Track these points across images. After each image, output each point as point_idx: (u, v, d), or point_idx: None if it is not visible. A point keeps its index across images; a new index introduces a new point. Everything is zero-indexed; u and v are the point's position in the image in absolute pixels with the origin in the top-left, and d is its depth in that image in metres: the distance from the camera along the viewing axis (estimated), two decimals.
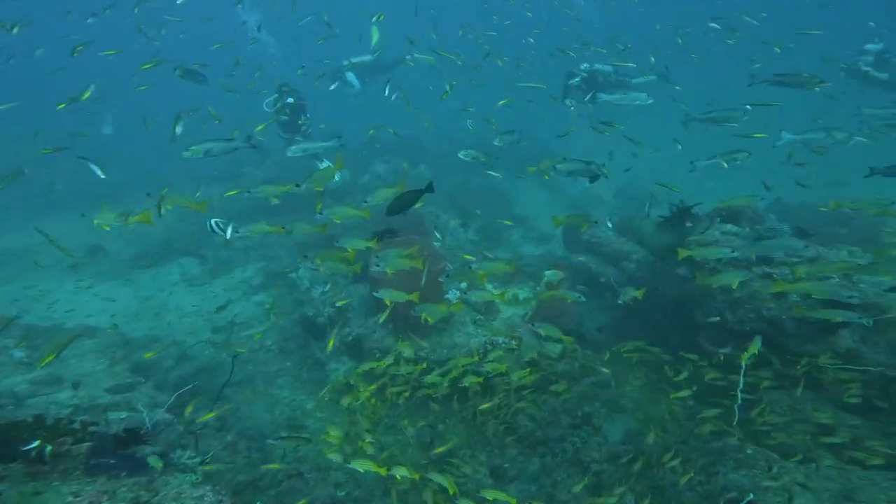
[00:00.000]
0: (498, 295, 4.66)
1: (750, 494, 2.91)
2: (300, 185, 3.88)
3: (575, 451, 4.80)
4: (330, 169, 3.83)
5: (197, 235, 9.46)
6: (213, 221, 4.72)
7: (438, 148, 11.73)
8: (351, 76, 9.92)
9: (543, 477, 4.79)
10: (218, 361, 6.67)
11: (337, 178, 8.62)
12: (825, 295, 3.38)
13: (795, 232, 4.50)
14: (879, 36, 9.11)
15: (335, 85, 9.76)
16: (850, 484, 2.80)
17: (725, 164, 4.58)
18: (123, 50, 7.24)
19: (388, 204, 3.45)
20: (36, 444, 2.95)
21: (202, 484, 3.03)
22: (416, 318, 4.71)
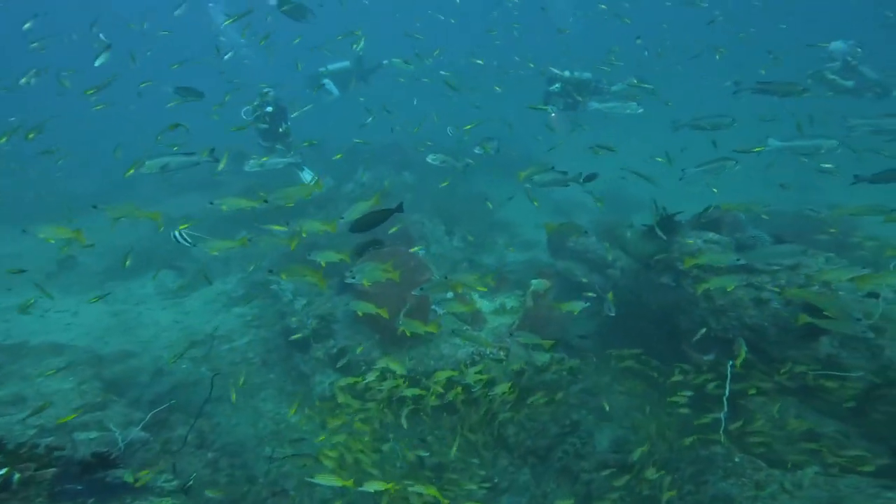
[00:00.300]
0: (468, 306, 4.64)
1: None
2: (268, 200, 3.73)
3: (564, 460, 4.79)
4: (305, 187, 3.70)
5: (174, 246, 9.18)
6: (177, 232, 4.57)
7: (423, 155, 11.65)
8: (329, 83, 9.81)
9: (534, 488, 4.77)
10: (197, 376, 6.46)
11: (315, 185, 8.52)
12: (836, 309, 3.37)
13: (774, 240, 4.60)
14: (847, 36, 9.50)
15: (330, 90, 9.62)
16: (836, 492, 2.84)
17: (715, 172, 4.67)
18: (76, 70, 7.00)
19: (352, 221, 3.36)
20: (3, 471, 2.77)
21: None
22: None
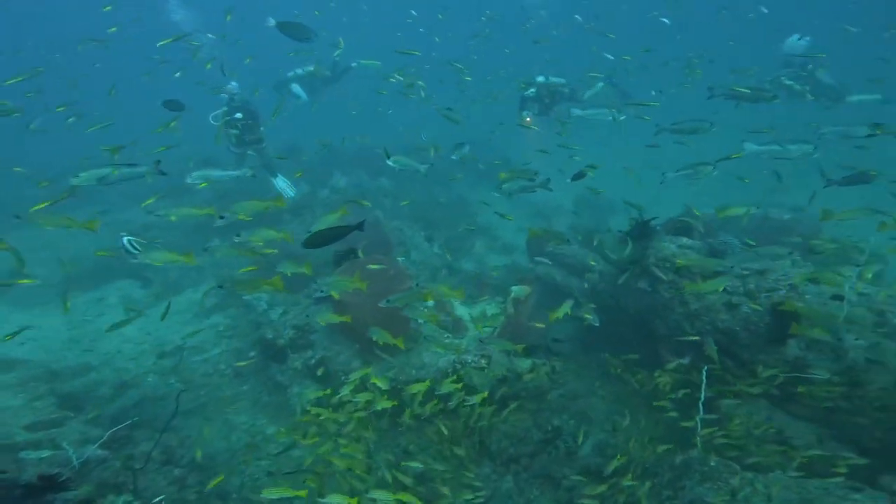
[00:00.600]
0: (432, 315, 4.61)
1: None
2: (223, 216, 3.55)
3: (547, 467, 4.83)
4: (262, 202, 3.54)
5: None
6: (126, 240, 4.40)
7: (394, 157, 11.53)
8: (296, 87, 9.60)
9: (517, 496, 4.78)
10: (166, 390, 6.20)
11: (292, 193, 8.34)
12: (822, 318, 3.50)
13: (743, 245, 4.75)
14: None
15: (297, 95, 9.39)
16: (806, 494, 2.95)
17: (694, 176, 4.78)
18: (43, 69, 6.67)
19: (305, 237, 3.24)
20: None
21: None
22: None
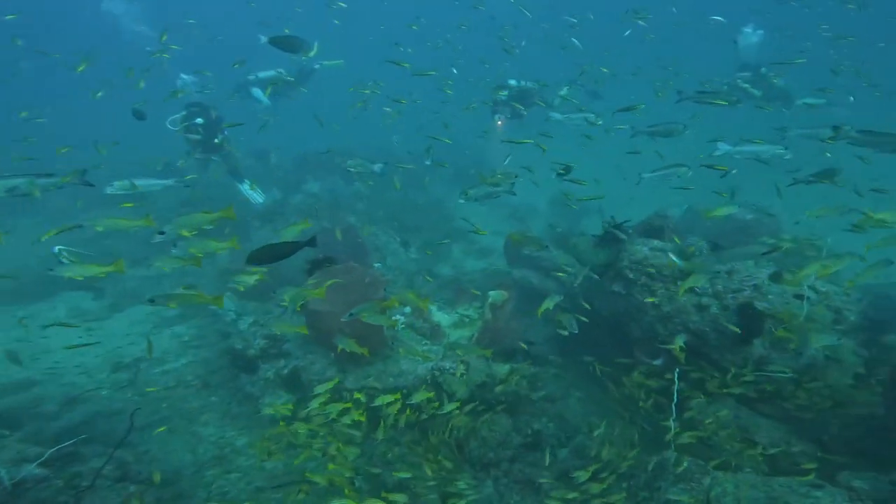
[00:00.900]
0: (392, 322, 4.59)
1: None
2: (163, 232, 3.35)
3: (527, 472, 4.87)
4: (208, 215, 3.33)
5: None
6: (57, 249, 4.20)
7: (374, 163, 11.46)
8: (257, 91, 9.36)
9: (497, 502, 4.80)
10: (122, 404, 5.89)
11: (260, 199, 8.13)
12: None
13: (711, 247, 4.91)
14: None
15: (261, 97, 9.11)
16: (772, 492, 3.06)
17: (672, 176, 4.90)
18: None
19: (250, 253, 3.09)
20: None
21: None
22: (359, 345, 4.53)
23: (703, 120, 6.29)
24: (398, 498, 3.75)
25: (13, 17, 8.77)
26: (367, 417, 4.64)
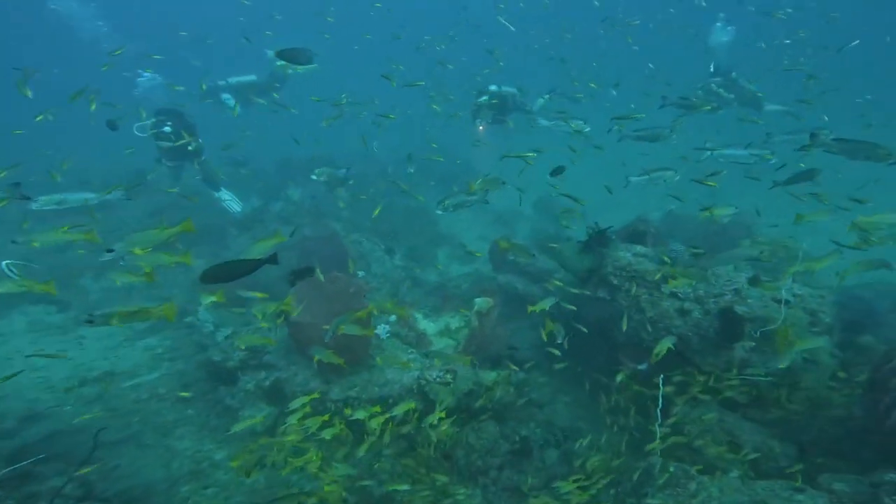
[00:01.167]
0: (368, 330, 4.54)
1: None
2: (112, 250, 3.17)
3: (515, 479, 4.86)
4: (162, 230, 3.13)
5: (54, 277, 7.91)
6: (4, 264, 4.02)
7: (356, 169, 11.34)
8: (227, 97, 9.14)
9: None
10: (87, 420, 5.65)
11: (238, 208, 7.93)
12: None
13: (692, 252, 4.99)
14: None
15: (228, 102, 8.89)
16: (755, 495, 3.11)
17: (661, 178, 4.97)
18: None
19: (204, 270, 2.95)
20: None
21: None
22: (343, 356, 4.46)
23: (684, 124, 6.41)
24: None
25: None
26: (352, 430, 4.56)
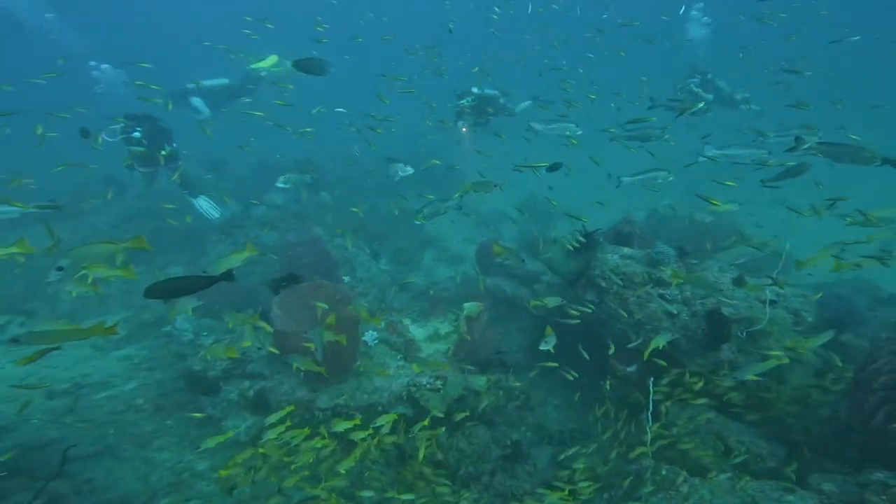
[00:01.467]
0: (340, 337, 4.44)
1: None
2: (61, 267, 3.03)
3: (507, 483, 4.83)
4: (112, 245, 2.99)
5: (20, 288, 7.53)
6: None
7: (339, 172, 11.18)
8: (197, 101, 8.87)
9: None
10: (56, 434, 5.38)
11: (216, 214, 7.69)
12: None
13: (679, 253, 5.03)
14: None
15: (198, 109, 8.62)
16: (746, 497, 3.14)
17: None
18: None
19: (150, 285, 2.83)
20: None
21: None
22: (329, 363, 4.35)
23: (672, 125, 6.50)
24: None
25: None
26: (338, 440, 4.46)
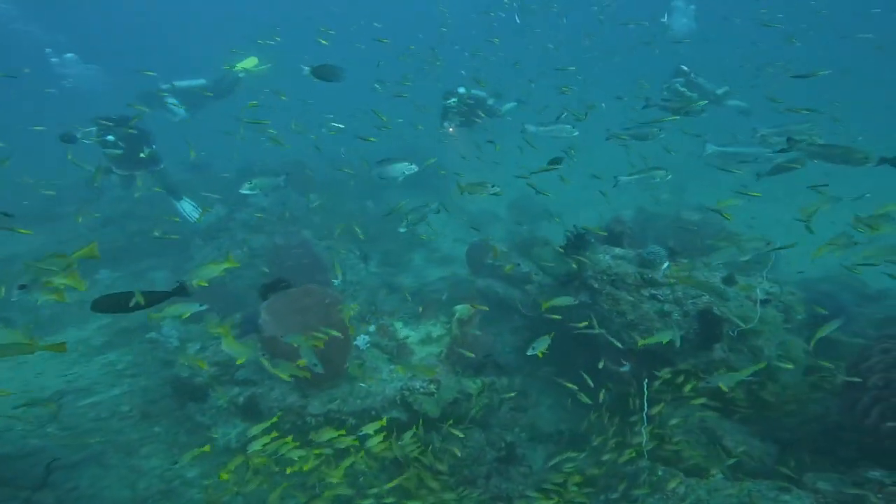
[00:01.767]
0: (319, 341, 4.37)
1: None
2: (24, 285, 2.98)
3: (503, 486, 4.81)
4: (57, 260, 2.94)
5: None
6: None
7: (327, 174, 11.01)
8: (173, 101, 8.63)
9: None
10: (39, 442, 5.18)
11: (195, 216, 7.49)
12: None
13: (669, 253, 5.05)
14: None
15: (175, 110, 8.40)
16: (743, 497, 3.16)
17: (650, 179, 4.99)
18: None
19: (96, 299, 2.78)
20: None
21: None
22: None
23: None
24: None
25: None
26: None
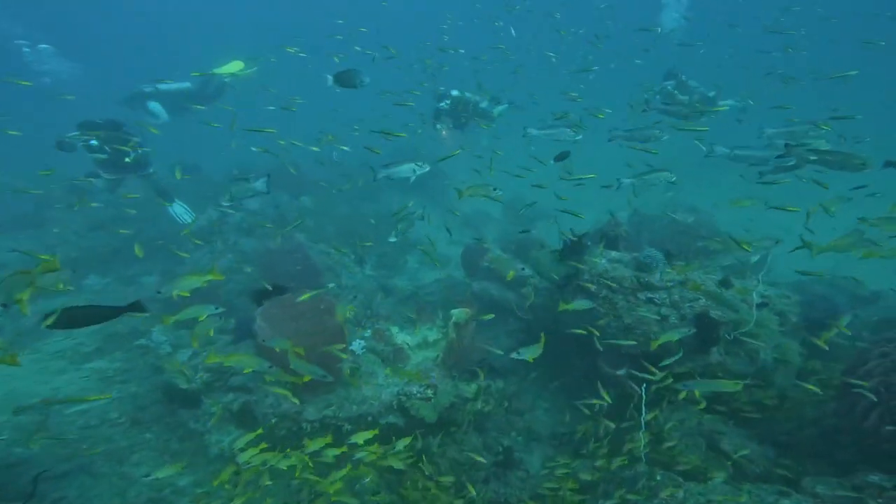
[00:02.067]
0: (299, 349, 4.33)
1: None
2: (6, 304, 2.91)
3: (501, 490, 4.79)
4: (19, 277, 2.87)
5: None
6: None
7: (320, 176, 10.89)
8: (154, 105, 8.54)
9: None
10: (25, 451, 5.07)
11: (189, 219, 7.38)
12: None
13: (665, 255, 5.07)
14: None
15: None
16: (742, 501, 3.16)
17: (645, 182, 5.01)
18: None
19: (49, 312, 2.74)
20: None
21: None
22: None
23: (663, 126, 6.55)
24: None
25: None
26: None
